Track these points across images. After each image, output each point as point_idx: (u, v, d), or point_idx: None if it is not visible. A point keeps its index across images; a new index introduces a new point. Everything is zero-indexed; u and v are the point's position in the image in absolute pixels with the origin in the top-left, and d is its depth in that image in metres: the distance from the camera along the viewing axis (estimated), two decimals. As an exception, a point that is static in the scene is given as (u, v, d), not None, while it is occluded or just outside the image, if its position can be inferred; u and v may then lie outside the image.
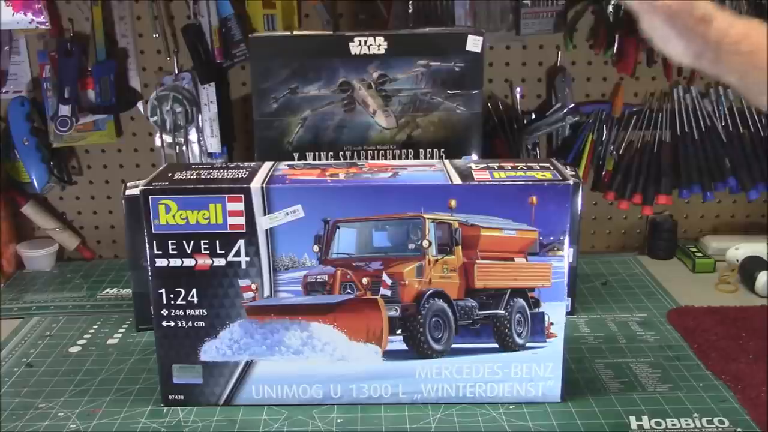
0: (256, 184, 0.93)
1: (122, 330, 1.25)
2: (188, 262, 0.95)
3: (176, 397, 1.01)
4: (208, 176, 0.97)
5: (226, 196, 0.93)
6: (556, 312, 0.98)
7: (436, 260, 0.97)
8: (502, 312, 0.99)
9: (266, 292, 0.96)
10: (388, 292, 0.96)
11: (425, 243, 0.96)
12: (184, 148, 1.43)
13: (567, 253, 0.97)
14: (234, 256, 0.95)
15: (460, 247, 0.97)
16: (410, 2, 1.37)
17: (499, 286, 0.99)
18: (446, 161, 1.05)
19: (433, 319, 0.97)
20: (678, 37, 0.80)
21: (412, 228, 0.96)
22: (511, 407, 1.00)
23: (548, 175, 0.96)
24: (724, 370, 1.07)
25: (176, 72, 1.42)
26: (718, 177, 1.48)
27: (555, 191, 0.93)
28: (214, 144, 1.44)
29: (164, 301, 0.97)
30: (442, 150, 1.25)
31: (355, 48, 1.20)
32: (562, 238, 0.95)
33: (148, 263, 0.96)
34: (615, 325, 1.23)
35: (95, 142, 1.48)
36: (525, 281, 0.99)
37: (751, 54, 0.77)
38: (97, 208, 1.55)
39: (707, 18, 0.78)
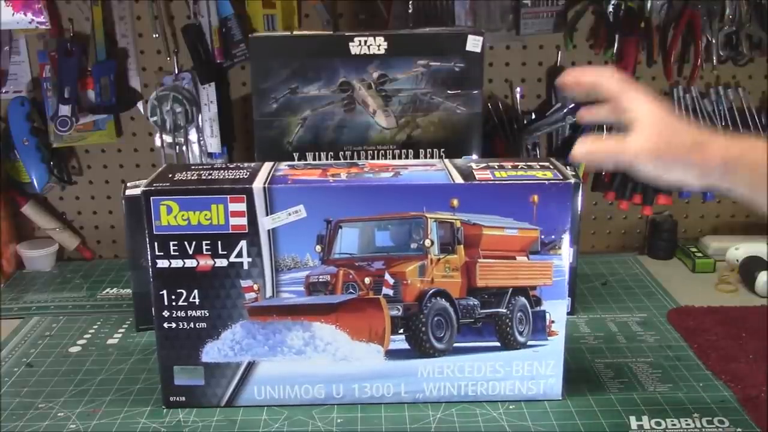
0: (258, 185, 0.93)
1: (122, 330, 1.25)
2: (190, 263, 0.95)
3: (178, 398, 1.00)
4: (209, 177, 0.97)
5: (228, 196, 0.93)
6: (557, 310, 0.99)
7: (438, 259, 0.97)
8: (504, 310, 0.99)
9: (268, 293, 0.96)
10: (391, 292, 0.96)
11: (427, 242, 0.96)
12: (184, 148, 1.43)
13: (568, 251, 0.97)
14: (236, 256, 0.95)
15: (462, 246, 0.97)
16: (410, 2, 1.37)
17: (500, 285, 1.00)
18: (446, 161, 1.05)
19: (435, 318, 0.98)
20: (678, 169, 0.81)
21: (414, 227, 0.96)
22: (511, 407, 1.00)
23: (549, 174, 0.96)
24: (724, 370, 1.07)
25: (176, 72, 1.42)
26: (718, 177, 1.48)
27: (556, 190, 0.94)
28: (214, 144, 1.44)
29: (165, 303, 0.97)
30: (442, 150, 1.25)
31: (355, 48, 1.21)
32: (562, 236, 0.96)
33: (150, 264, 0.96)
34: (615, 325, 1.24)
35: (95, 142, 1.48)
36: (526, 280, 0.99)
37: (757, 166, 0.77)
38: (97, 208, 1.55)
39: (700, 143, 0.80)
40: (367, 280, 0.97)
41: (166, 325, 0.98)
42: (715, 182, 0.80)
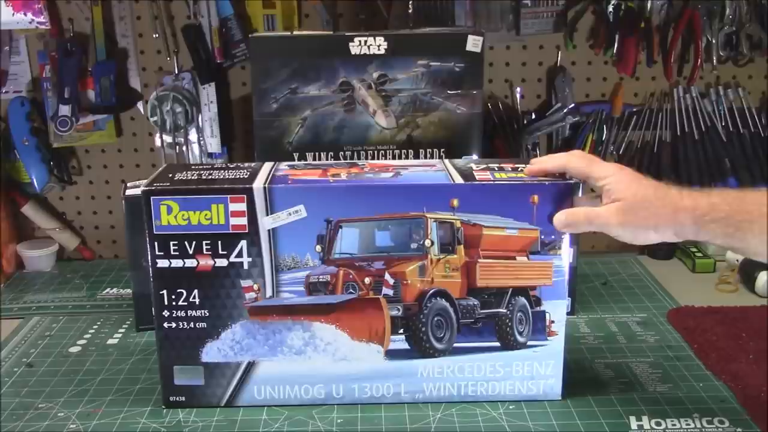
0: (258, 185, 0.93)
1: (122, 330, 1.25)
2: (190, 263, 0.95)
3: (177, 398, 1.00)
4: (210, 176, 0.97)
5: (229, 196, 0.93)
6: (556, 310, 0.99)
7: (439, 259, 0.97)
8: (504, 311, 0.99)
9: (268, 293, 0.96)
10: (391, 292, 0.96)
11: (427, 242, 0.96)
12: (184, 148, 1.43)
13: (567, 251, 0.97)
14: (236, 256, 0.95)
15: (462, 246, 0.97)
16: (410, 2, 1.37)
17: (500, 285, 1.00)
18: (446, 161, 1.05)
19: (435, 319, 0.97)
20: (651, 234, 0.87)
21: (414, 227, 0.96)
22: (511, 407, 1.00)
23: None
24: (724, 370, 1.07)
25: (176, 72, 1.42)
26: (718, 177, 1.48)
27: (556, 190, 0.94)
28: (214, 144, 1.44)
29: (166, 303, 0.97)
30: (442, 150, 1.25)
31: (355, 48, 1.21)
32: (562, 236, 0.96)
33: (150, 264, 0.96)
34: (615, 325, 1.24)
35: (95, 142, 1.48)
36: (526, 280, 0.99)
37: (726, 218, 0.82)
38: (97, 208, 1.55)
39: (669, 209, 0.85)
40: (367, 280, 0.96)
41: (166, 325, 0.98)
42: (690, 238, 0.85)
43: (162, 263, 0.95)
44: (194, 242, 0.94)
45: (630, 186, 0.87)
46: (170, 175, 0.98)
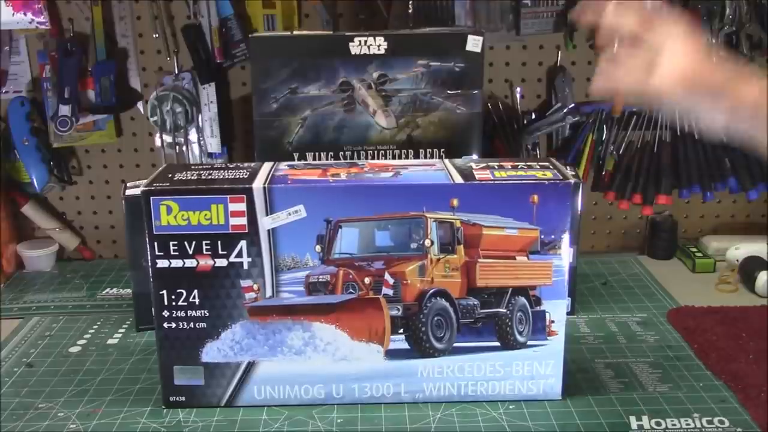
0: (258, 185, 0.93)
1: (122, 330, 1.25)
2: (190, 263, 0.95)
3: (177, 398, 1.00)
4: (209, 177, 0.97)
5: (228, 196, 0.93)
6: (556, 310, 0.99)
7: (438, 259, 0.97)
8: (504, 310, 0.99)
9: (268, 293, 0.96)
10: (390, 292, 0.96)
11: (427, 242, 0.96)
12: (184, 148, 1.43)
13: (567, 251, 0.97)
14: (236, 256, 0.95)
15: (462, 246, 0.97)
16: (410, 2, 1.37)
17: (500, 285, 1.00)
18: (446, 161, 1.05)
19: (435, 318, 0.97)
20: (707, 102, 0.75)
21: (414, 227, 0.96)
22: (511, 407, 1.00)
23: (548, 174, 0.96)
24: (724, 370, 1.07)
25: (176, 72, 1.42)
26: (718, 177, 1.48)
27: (556, 190, 0.94)
28: (214, 144, 1.44)
29: (165, 303, 0.97)
30: (442, 150, 1.25)
31: (355, 48, 1.21)
32: (562, 236, 0.96)
33: (150, 264, 0.96)
34: (615, 325, 1.23)
35: (95, 142, 1.48)
36: (526, 279, 0.99)
37: None
38: (97, 208, 1.55)
39: (734, 78, 0.74)
40: (367, 280, 0.97)
41: (166, 325, 0.98)
42: (742, 123, 0.73)
43: (162, 263, 0.95)
44: (194, 242, 0.94)
45: (694, 44, 0.74)
46: (170, 175, 0.98)
